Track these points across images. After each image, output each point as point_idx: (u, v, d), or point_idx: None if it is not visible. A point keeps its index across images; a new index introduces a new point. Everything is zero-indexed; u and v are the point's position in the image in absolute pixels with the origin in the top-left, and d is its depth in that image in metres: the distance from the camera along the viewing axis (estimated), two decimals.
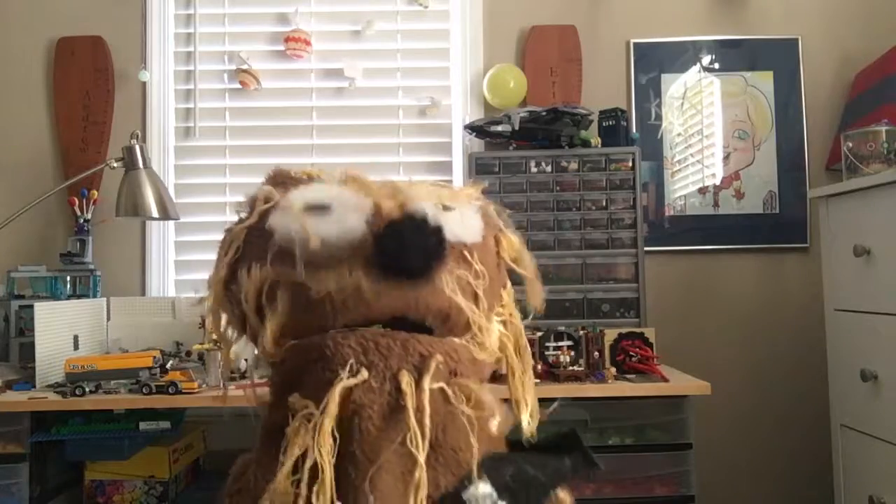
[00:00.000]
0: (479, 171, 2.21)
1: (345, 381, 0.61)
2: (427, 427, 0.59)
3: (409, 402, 0.60)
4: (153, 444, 1.87)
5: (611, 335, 1.92)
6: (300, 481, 0.58)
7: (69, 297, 2.18)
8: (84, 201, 2.27)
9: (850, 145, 1.87)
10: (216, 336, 0.80)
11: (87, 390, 1.73)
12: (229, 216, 2.39)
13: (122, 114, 2.40)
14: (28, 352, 1.92)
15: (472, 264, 0.68)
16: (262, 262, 0.69)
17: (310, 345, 0.66)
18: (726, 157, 2.38)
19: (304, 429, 0.60)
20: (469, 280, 0.67)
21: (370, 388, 0.62)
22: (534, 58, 2.39)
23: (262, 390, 0.75)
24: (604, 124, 2.24)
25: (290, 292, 0.67)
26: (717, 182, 2.38)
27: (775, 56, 2.40)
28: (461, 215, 0.70)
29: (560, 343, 1.85)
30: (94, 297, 2.21)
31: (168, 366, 1.84)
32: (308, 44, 2.40)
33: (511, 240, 0.78)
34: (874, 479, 1.73)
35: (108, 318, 2.17)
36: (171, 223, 2.38)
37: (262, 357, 0.73)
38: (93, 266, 2.25)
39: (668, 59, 2.41)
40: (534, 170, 2.20)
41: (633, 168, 2.18)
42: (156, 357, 1.83)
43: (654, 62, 2.41)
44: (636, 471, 1.80)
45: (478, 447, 0.61)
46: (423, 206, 0.66)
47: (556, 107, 2.17)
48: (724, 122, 2.39)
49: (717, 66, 2.40)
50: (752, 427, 2.33)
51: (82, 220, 2.27)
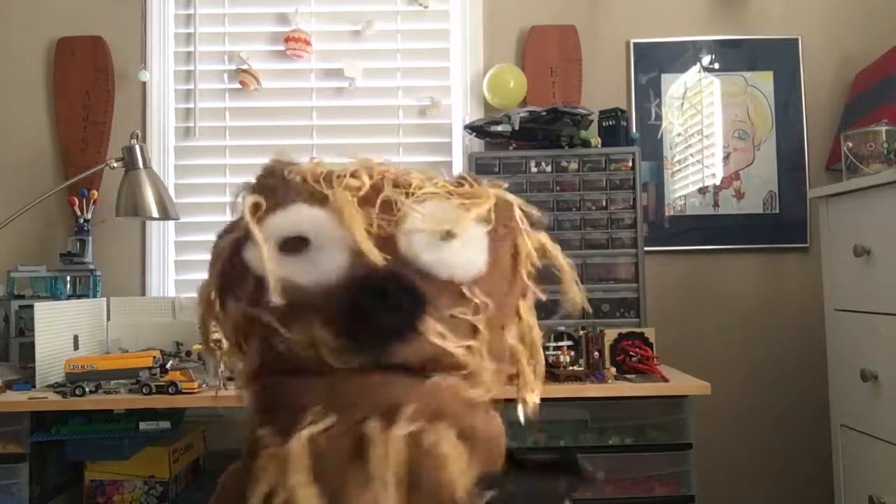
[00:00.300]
0: (479, 171, 2.20)
1: (308, 429, 0.58)
2: (389, 475, 0.56)
3: (373, 452, 0.56)
4: (153, 444, 1.87)
5: (611, 335, 1.92)
6: None
7: (69, 297, 2.18)
8: (84, 201, 2.27)
9: (850, 145, 1.87)
10: (204, 348, 0.78)
11: (87, 390, 1.73)
12: (229, 216, 2.38)
13: (122, 114, 2.40)
14: (28, 352, 1.92)
15: (470, 300, 0.62)
16: (237, 297, 0.65)
17: (279, 385, 0.63)
18: (726, 157, 2.38)
19: (272, 465, 0.58)
20: (466, 316, 0.61)
21: (336, 434, 0.58)
22: (534, 58, 2.39)
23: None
24: (604, 124, 2.24)
25: (261, 335, 0.63)
26: (717, 182, 2.38)
27: (775, 56, 2.40)
28: (462, 244, 0.62)
29: (560, 343, 1.85)
30: (94, 297, 2.21)
31: (168, 366, 1.84)
32: (308, 44, 2.39)
33: (533, 245, 0.71)
34: (874, 479, 1.73)
35: (108, 318, 2.17)
36: (171, 223, 2.38)
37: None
38: (93, 266, 2.25)
39: (668, 59, 2.41)
40: (534, 170, 2.20)
41: (633, 168, 2.18)
42: (156, 357, 1.83)
43: (654, 62, 2.41)
44: (636, 471, 1.80)
45: (460, 483, 0.57)
46: (416, 246, 0.60)
47: (556, 107, 2.17)
48: (724, 122, 2.39)
49: (717, 66, 2.40)
50: (752, 427, 2.33)
51: (82, 220, 2.27)
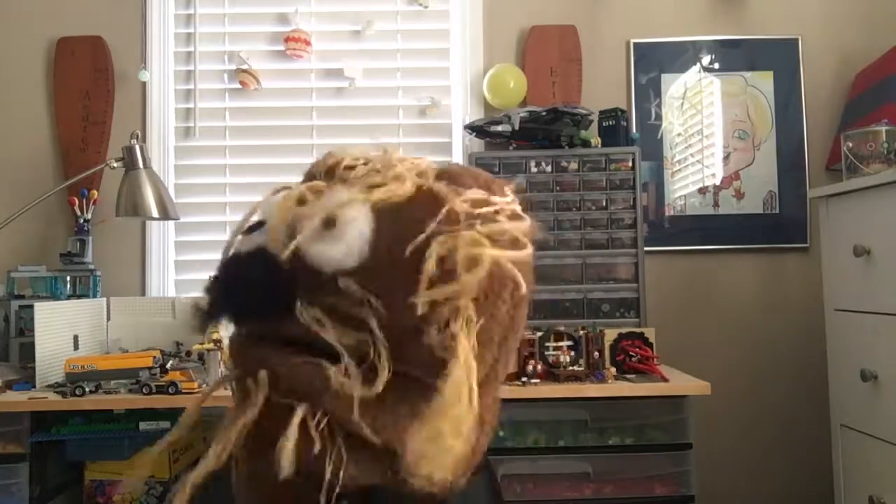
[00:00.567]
0: None
1: (225, 376, 0.69)
2: (241, 426, 0.61)
3: (247, 403, 0.62)
4: (153, 444, 1.87)
5: (611, 335, 1.92)
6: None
7: (69, 297, 2.18)
8: (84, 201, 2.27)
9: (850, 145, 1.87)
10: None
11: (87, 390, 1.73)
12: (229, 216, 2.40)
13: (122, 114, 2.40)
14: (28, 352, 1.92)
15: (347, 293, 0.57)
16: None
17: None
18: (726, 157, 2.38)
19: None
20: (349, 311, 0.57)
21: (232, 398, 0.67)
22: (534, 58, 2.39)
23: None
24: (604, 124, 2.24)
25: None
26: (717, 182, 2.38)
27: (775, 56, 2.40)
28: (340, 234, 0.57)
29: (560, 343, 1.85)
30: (94, 297, 2.21)
31: (168, 366, 1.84)
32: (308, 44, 2.39)
33: (430, 259, 0.56)
34: (874, 479, 1.73)
35: (108, 318, 2.17)
36: (171, 223, 2.38)
37: None
38: (93, 266, 2.25)
39: (668, 59, 2.41)
40: (534, 170, 2.20)
41: (633, 168, 2.18)
42: (156, 357, 1.83)
43: (654, 62, 2.41)
44: (636, 471, 1.80)
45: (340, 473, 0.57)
46: (303, 232, 0.58)
47: (556, 107, 2.16)
48: (724, 122, 2.39)
49: (717, 66, 2.40)
50: (752, 427, 2.33)
51: (82, 220, 2.27)
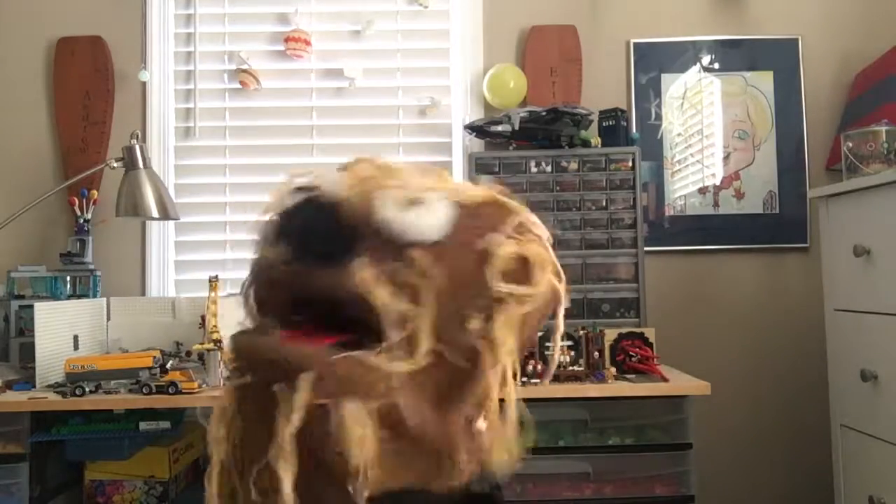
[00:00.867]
0: (479, 171, 2.21)
1: (233, 381, 0.61)
2: (288, 439, 0.55)
3: (278, 413, 0.56)
4: (153, 444, 1.87)
5: (611, 335, 1.92)
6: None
7: (69, 297, 2.18)
8: (84, 201, 2.27)
9: (850, 145, 1.87)
10: None
11: (87, 390, 1.73)
12: (229, 216, 2.40)
13: (122, 114, 2.39)
14: (28, 352, 1.92)
15: (413, 262, 0.58)
16: None
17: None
18: (726, 157, 2.38)
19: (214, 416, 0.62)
20: (409, 279, 0.57)
21: (250, 392, 0.60)
22: (534, 58, 2.39)
23: None
24: (604, 124, 2.24)
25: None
26: (717, 182, 2.38)
27: (775, 56, 2.39)
28: (425, 212, 0.60)
29: (560, 343, 1.85)
30: (94, 297, 2.21)
31: (168, 366, 1.84)
32: (308, 44, 2.39)
33: (506, 254, 0.60)
34: (874, 479, 1.73)
35: (108, 318, 2.17)
36: (171, 223, 2.38)
37: None
38: (93, 266, 2.25)
39: (668, 59, 2.41)
40: (534, 170, 2.20)
41: (633, 168, 2.18)
42: (156, 357, 1.83)
43: (654, 62, 2.41)
44: (636, 471, 1.80)
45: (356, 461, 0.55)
46: (382, 205, 0.59)
47: (556, 107, 2.17)
48: (724, 122, 2.39)
49: (717, 66, 2.40)
50: (752, 427, 2.33)
51: (82, 220, 2.27)
